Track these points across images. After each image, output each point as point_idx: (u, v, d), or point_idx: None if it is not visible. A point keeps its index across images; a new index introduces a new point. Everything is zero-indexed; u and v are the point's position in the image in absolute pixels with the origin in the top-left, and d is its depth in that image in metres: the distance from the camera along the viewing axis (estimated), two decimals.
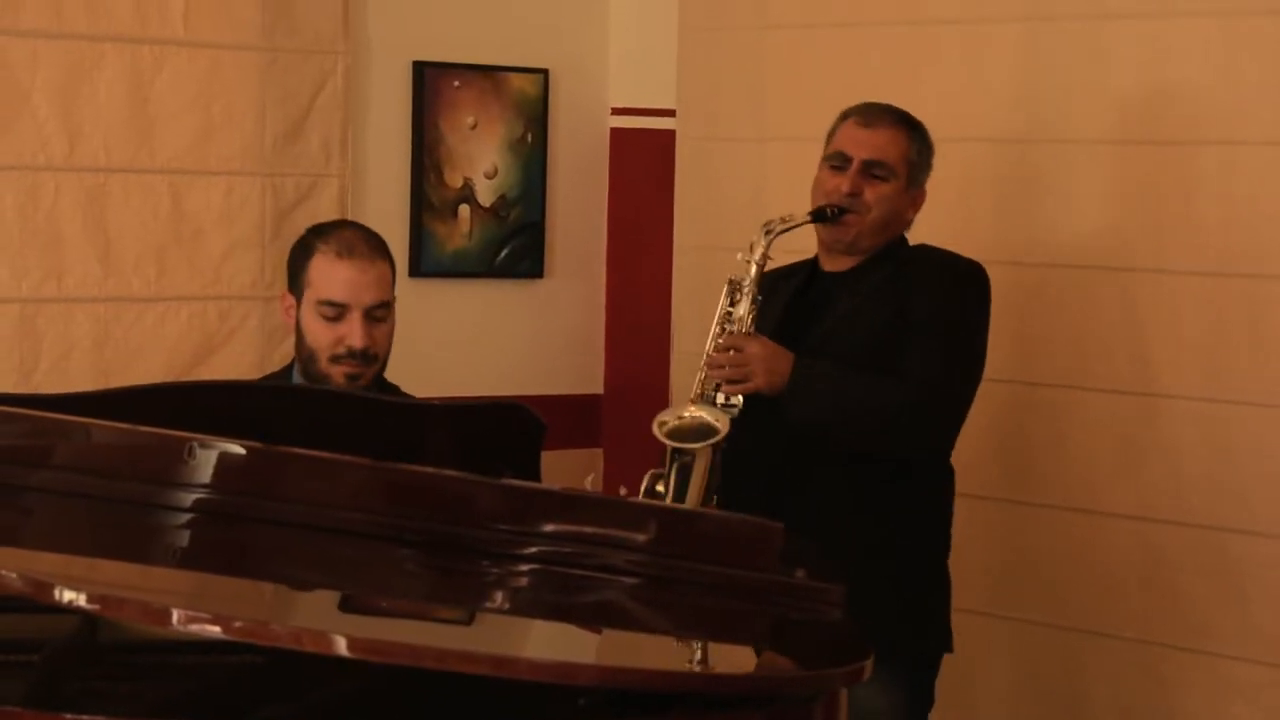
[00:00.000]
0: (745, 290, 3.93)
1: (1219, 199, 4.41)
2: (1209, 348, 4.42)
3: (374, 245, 3.80)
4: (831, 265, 4.04)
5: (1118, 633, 4.56)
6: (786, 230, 3.93)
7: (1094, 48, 4.57)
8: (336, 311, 3.73)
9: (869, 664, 2.66)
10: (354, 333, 3.72)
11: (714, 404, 3.90)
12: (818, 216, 3.95)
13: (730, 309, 3.94)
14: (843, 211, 3.94)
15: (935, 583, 4.04)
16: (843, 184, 3.95)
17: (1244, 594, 4.38)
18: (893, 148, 3.98)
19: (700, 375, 3.94)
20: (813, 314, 4.00)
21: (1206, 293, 4.42)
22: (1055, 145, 4.63)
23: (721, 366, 3.89)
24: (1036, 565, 4.68)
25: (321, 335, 3.73)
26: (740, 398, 3.89)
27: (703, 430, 3.85)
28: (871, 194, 3.96)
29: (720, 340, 3.92)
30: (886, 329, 3.91)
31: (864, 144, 3.97)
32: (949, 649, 4.06)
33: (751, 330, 3.92)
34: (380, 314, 3.76)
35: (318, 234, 3.83)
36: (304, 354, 3.77)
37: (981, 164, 4.72)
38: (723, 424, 3.83)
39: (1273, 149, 4.32)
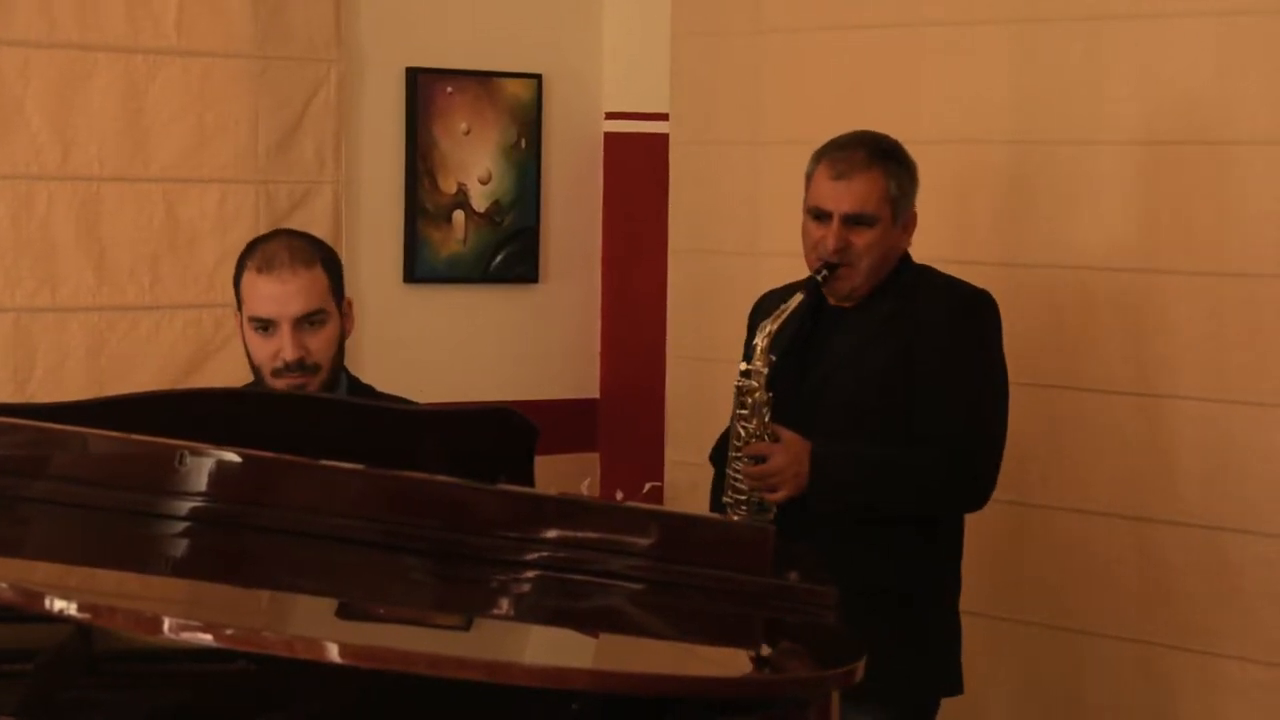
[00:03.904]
0: (756, 396, 3.85)
1: (1215, 199, 4.40)
2: (1205, 347, 4.42)
3: (299, 254, 3.71)
4: (835, 300, 3.97)
5: (1115, 633, 4.55)
6: (783, 319, 3.87)
7: (1088, 49, 4.57)
8: (266, 326, 3.70)
9: (861, 666, 2.65)
10: (285, 345, 3.67)
11: (745, 508, 3.87)
12: (810, 286, 3.89)
13: (741, 412, 3.87)
14: (834, 268, 3.88)
15: (946, 627, 3.98)
16: (828, 239, 3.88)
17: (1241, 593, 4.38)
18: (871, 195, 3.88)
19: (729, 478, 3.89)
20: (816, 350, 3.95)
21: (1203, 292, 4.42)
22: (1050, 147, 4.63)
23: (750, 478, 3.84)
24: (1033, 566, 4.68)
25: (259, 350, 3.70)
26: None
27: None
28: (859, 243, 3.88)
29: (741, 446, 3.86)
30: (890, 365, 3.87)
31: (841, 198, 3.87)
32: (956, 692, 3.99)
33: (771, 431, 3.84)
34: (315, 321, 3.71)
35: (248, 251, 3.77)
36: (253, 371, 3.76)
37: (976, 166, 4.72)
38: None
39: (1269, 149, 4.32)
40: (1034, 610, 4.67)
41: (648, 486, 5.35)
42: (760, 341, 3.87)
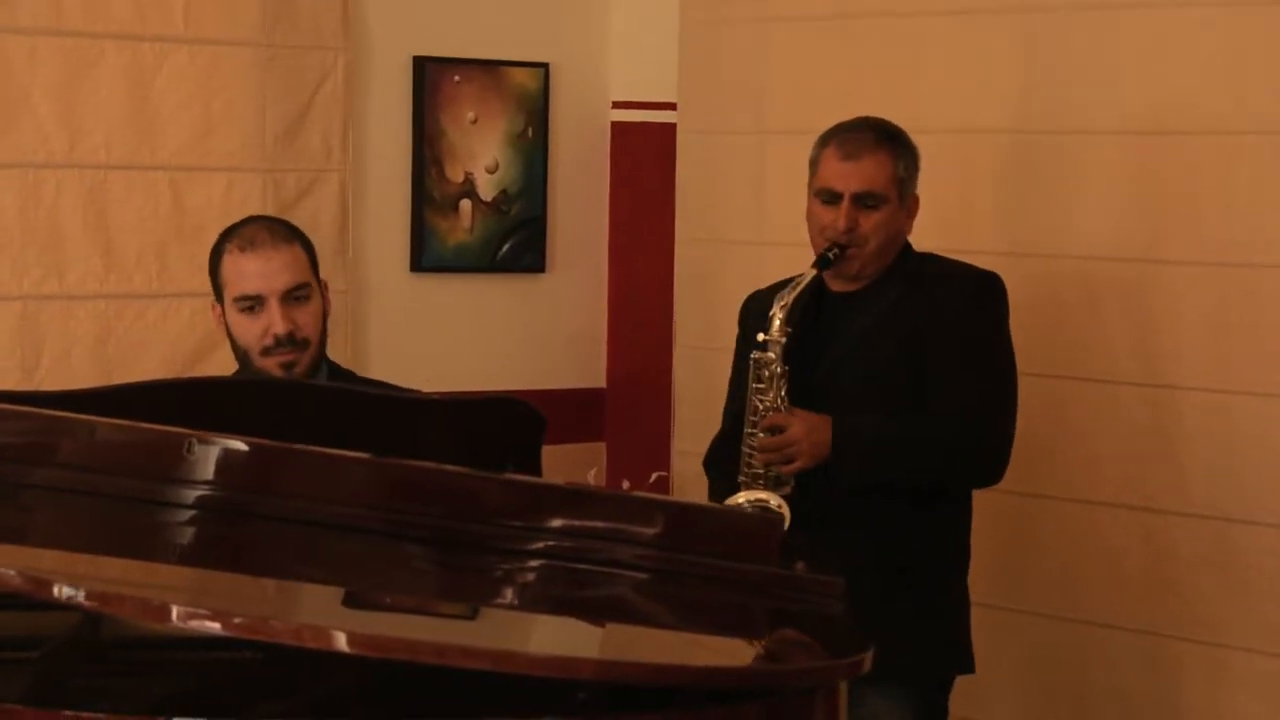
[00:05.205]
0: (772, 368, 3.88)
1: (1220, 189, 4.40)
2: (1210, 338, 4.42)
3: (278, 232, 3.78)
4: (839, 286, 3.99)
5: (1121, 623, 4.55)
6: (799, 291, 3.89)
7: (1092, 38, 4.57)
8: (254, 304, 3.72)
9: (869, 656, 2.65)
10: (274, 320, 3.70)
11: (763, 482, 3.88)
12: (822, 264, 3.90)
13: (758, 385, 3.89)
14: (843, 249, 3.90)
15: (957, 604, 4.01)
16: (838, 220, 3.90)
17: (1246, 584, 4.38)
18: (880, 174, 3.92)
19: (744, 454, 3.90)
20: (823, 337, 3.96)
21: (1208, 283, 4.42)
22: (1054, 137, 4.62)
23: (767, 450, 3.86)
24: (1039, 556, 4.68)
25: (247, 331, 3.73)
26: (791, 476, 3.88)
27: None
28: (867, 224, 3.91)
29: (758, 420, 3.88)
30: (902, 351, 3.89)
31: (850, 177, 3.91)
32: (969, 670, 4.03)
33: (786, 404, 3.88)
34: (300, 295, 3.73)
35: (224, 237, 3.83)
36: (240, 356, 3.77)
37: (981, 156, 4.72)
38: (785, 511, 3.80)
39: (1274, 139, 4.32)
40: (1040, 601, 4.67)
41: (654, 476, 5.36)
42: (777, 313, 3.89)
